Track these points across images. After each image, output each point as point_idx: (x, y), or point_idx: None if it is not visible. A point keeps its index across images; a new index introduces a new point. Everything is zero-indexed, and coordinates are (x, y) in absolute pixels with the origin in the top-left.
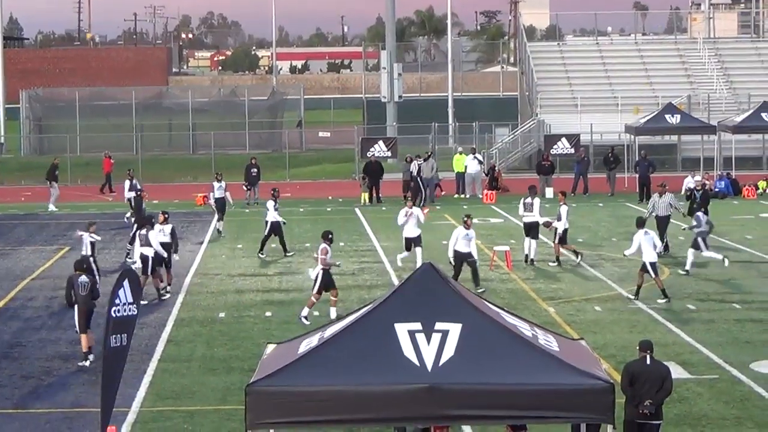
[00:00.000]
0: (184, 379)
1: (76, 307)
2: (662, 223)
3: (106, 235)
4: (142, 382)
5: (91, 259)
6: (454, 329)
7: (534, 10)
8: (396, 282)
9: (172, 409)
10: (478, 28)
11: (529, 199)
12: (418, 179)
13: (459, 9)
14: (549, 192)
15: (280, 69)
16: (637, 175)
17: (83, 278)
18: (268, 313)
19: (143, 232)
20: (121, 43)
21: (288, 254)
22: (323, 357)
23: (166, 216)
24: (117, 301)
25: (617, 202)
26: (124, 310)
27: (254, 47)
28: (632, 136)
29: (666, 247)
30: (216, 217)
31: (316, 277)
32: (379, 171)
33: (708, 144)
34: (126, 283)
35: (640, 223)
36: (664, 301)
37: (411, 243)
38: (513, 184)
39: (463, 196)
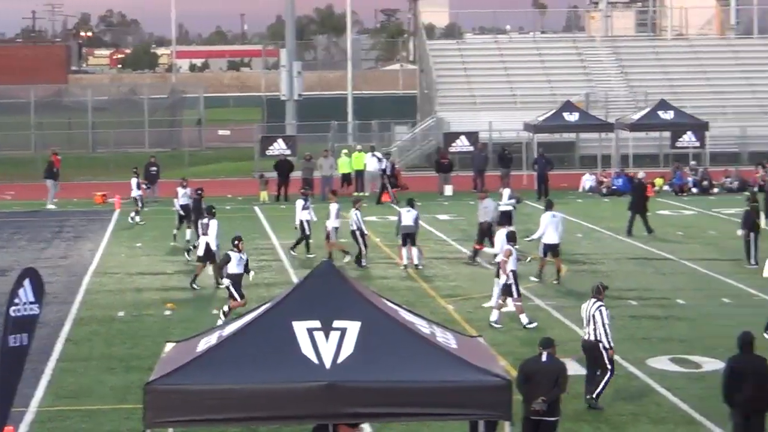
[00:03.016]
0: (83, 378)
1: None
2: (484, 228)
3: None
4: (41, 381)
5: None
6: (353, 327)
7: (433, 8)
8: (295, 280)
9: (71, 408)
10: (378, 26)
11: (500, 189)
12: (385, 175)
13: (359, 7)
14: (448, 190)
15: (180, 67)
16: (536, 173)
17: None
18: (167, 312)
19: (204, 221)
20: (19, 41)
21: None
22: (222, 355)
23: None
24: (16, 301)
25: None
26: (25, 310)
27: (154, 45)
28: (531, 134)
29: (475, 254)
30: (177, 224)
31: (506, 281)
32: (289, 169)
33: (606, 142)
34: (27, 282)
35: (549, 205)
36: (536, 281)
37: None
38: (412, 181)
39: (362, 194)
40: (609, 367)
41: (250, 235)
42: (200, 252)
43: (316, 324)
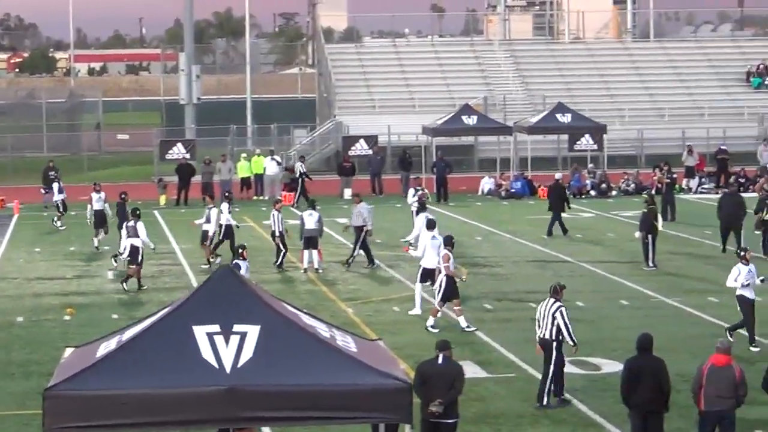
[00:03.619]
0: None
1: None
2: (357, 233)
3: None
4: None
5: None
6: (253, 331)
7: (332, 12)
8: (195, 284)
9: None
10: (277, 29)
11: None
12: (302, 179)
13: (257, 11)
14: (348, 193)
15: (78, 71)
16: (435, 177)
17: None
18: (66, 317)
19: (131, 224)
20: None
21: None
22: (121, 360)
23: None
24: None
25: None
26: None
27: (52, 49)
28: (429, 137)
29: (371, 261)
30: (95, 231)
31: (440, 284)
32: (190, 173)
33: (504, 145)
34: None
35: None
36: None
37: (428, 275)
38: (311, 185)
39: (262, 197)
40: (552, 366)
41: (150, 240)
42: (128, 255)
43: (216, 328)
